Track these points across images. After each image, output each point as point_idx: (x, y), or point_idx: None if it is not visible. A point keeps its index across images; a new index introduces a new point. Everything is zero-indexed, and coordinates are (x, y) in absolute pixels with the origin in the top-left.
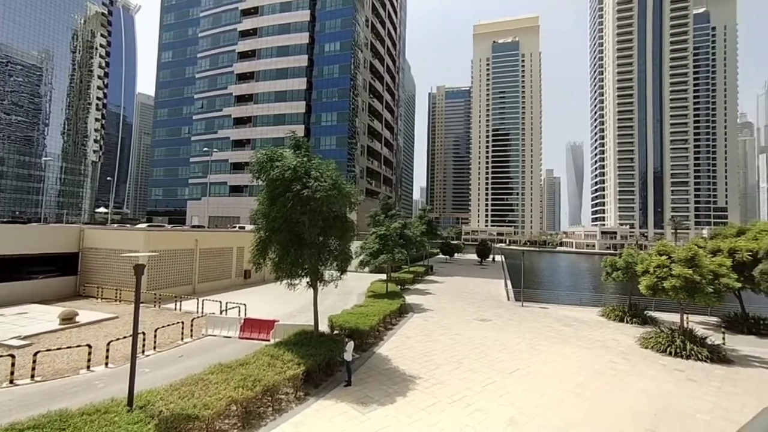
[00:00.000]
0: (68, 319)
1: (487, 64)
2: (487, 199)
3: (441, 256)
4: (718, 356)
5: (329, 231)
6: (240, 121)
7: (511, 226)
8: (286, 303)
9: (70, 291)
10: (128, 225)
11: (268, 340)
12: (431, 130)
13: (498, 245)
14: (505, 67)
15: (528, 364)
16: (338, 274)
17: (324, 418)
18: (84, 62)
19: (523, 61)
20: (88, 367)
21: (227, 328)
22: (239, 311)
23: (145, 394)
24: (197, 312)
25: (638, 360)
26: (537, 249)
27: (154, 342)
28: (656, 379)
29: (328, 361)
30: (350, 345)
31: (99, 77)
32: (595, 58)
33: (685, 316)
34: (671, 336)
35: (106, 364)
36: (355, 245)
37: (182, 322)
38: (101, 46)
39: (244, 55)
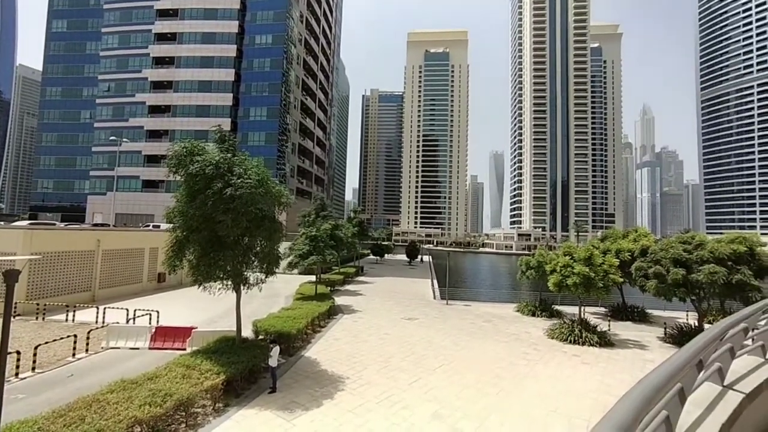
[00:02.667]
0: None
1: (420, 72)
2: (416, 202)
3: (372, 256)
4: (604, 341)
5: (255, 231)
6: (156, 110)
7: (438, 227)
8: (205, 308)
9: None
10: (1, 222)
11: (185, 350)
12: (364, 132)
13: (426, 246)
14: (436, 75)
15: (451, 359)
16: (263, 277)
17: (245, 428)
18: None
19: (452, 71)
20: None
21: (134, 339)
22: (150, 319)
23: (17, 425)
24: (96, 322)
25: (546, 350)
26: (462, 250)
27: (34, 361)
28: (559, 365)
29: (252, 368)
30: (276, 350)
31: None
32: (515, 76)
33: (582, 308)
34: (571, 326)
35: None
36: (283, 246)
37: (75, 336)
38: None
39: (163, 37)
